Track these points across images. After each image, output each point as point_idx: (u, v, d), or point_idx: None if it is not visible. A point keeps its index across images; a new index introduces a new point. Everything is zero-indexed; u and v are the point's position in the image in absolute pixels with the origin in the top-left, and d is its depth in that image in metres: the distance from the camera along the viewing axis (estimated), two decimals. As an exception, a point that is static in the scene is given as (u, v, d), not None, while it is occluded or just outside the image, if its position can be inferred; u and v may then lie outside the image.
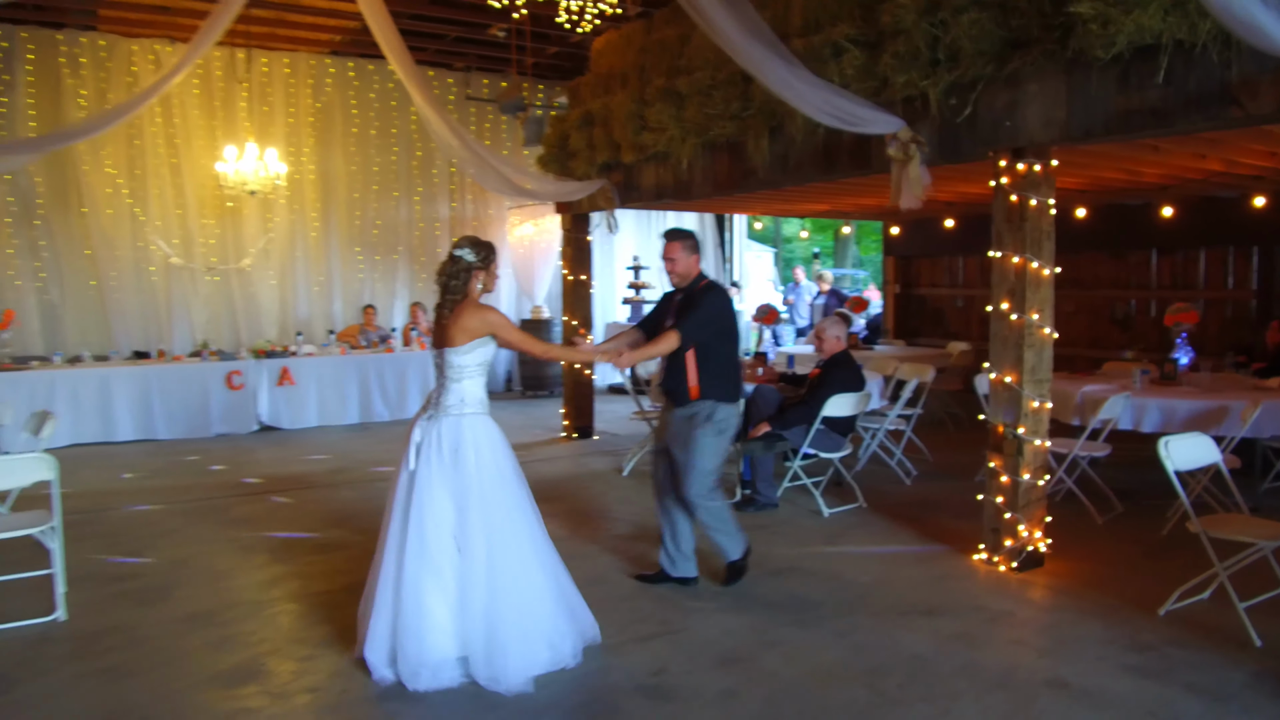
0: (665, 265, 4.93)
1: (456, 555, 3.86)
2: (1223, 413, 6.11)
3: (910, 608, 4.66)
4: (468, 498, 3.87)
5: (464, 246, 4.12)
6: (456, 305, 4.05)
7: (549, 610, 3.96)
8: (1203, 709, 3.58)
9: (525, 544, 3.97)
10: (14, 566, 5.08)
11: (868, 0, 5.78)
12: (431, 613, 3.81)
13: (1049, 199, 5.05)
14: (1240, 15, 3.18)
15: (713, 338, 4.74)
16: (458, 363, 4.01)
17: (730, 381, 4.81)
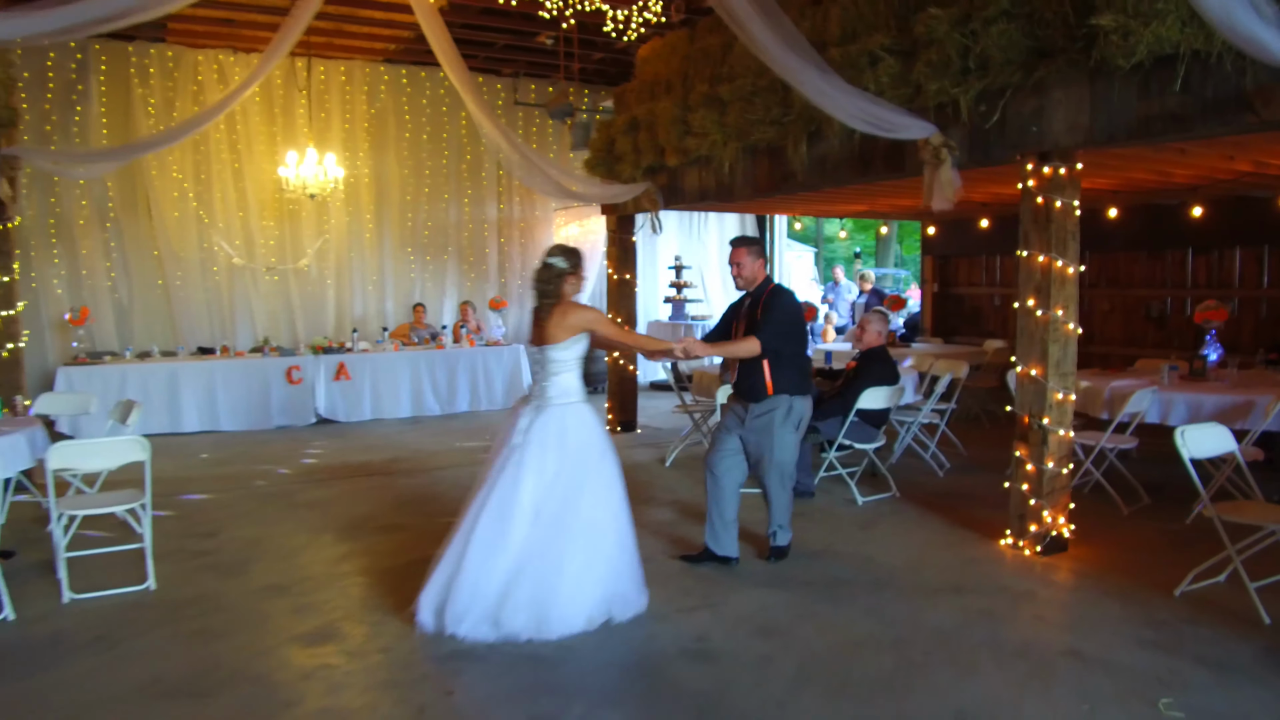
0: (732, 270, 5.32)
1: (530, 524, 4.28)
2: (1248, 407, 6.29)
3: (937, 587, 4.94)
4: (562, 474, 4.32)
5: (556, 255, 4.60)
6: (552, 307, 4.50)
7: (606, 575, 4.36)
8: (1210, 678, 3.84)
9: (604, 514, 4.41)
10: (103, 542, 5.55)
11: (902, 11, 6.07)
12: (491, 566, 4.24)
13: (1074, 200, 5.29)
14: (1243, 31, 3.44)
15: (785, 339, 5.10)
16: (558, 358, 4.48)
17: (802, 376, 5.20)
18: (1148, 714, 3.53)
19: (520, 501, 4.29)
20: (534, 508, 4.29)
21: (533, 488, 4.31)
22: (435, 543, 5.76)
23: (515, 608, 4.21)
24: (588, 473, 4.39)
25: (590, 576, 4.32)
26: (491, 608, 4.23)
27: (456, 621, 4.22)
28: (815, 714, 3.56)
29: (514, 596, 4.22)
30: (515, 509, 4.28)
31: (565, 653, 4.15)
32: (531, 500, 4.30)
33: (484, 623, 4.22)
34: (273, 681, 3.94)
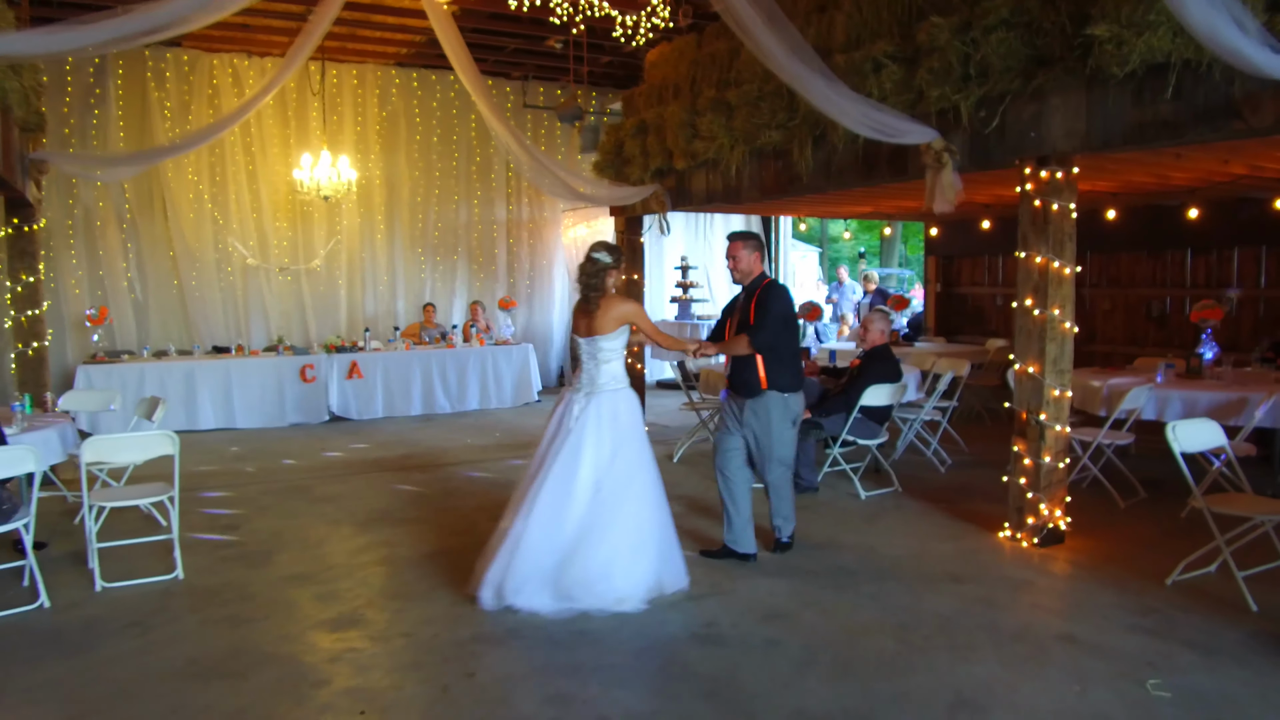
0: (729, 264, 5.51)
1: (590, 498, 4.60)
2: (1241, 404, 6.46)
3: (938, 576, 5.12)
4: (619, 453, 4.69)
5: (600, 250, 4.94)
6: (599, 300, 4.82)
7: (658, 547, 4.71)
8: (1197, 660, 4.01)
9: (652, 492, 4.74)
10: (130, 534, 5.76)
11: (905, 19, 6.26)
12: (551, 539, 4.55)
13: (1070, 204, 5.47)
14: (1226, 44, 3.61)
15: (778, 336, 5.26)
16: (608, 347, 4.85)
17: (794, 372, 5.35)
18: (1136, 694, 3.71)
19: (580, 478, 4.60)
20: (594, 484, 4.61)
21: (592, 466, 4.63)
22: (451, 535, 6.04)
23: (575, 579, 4.51)
24: (640, 452, 4.75)
25: (646, 549, 4.65)
26: (551, 578, 4.53)
27: (515, 592, 4.54)
28: (819, 694, 3.74)
29: (574, 568, 4.53)
30: (575, 485, 4.60)
31: (579, 637, 4.34)
32: (592, 477, 4.62)
33: (543, 592, 4.53)
34: (302, 663, 4.13)
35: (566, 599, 4.51)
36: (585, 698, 3.74)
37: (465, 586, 4.87)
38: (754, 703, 3.67)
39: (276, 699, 3.78)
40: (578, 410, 4.77)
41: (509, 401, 11.98)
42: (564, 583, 4.51)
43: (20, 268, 7.64)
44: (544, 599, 4.51)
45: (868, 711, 3.59)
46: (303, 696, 3.80)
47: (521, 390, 12.14)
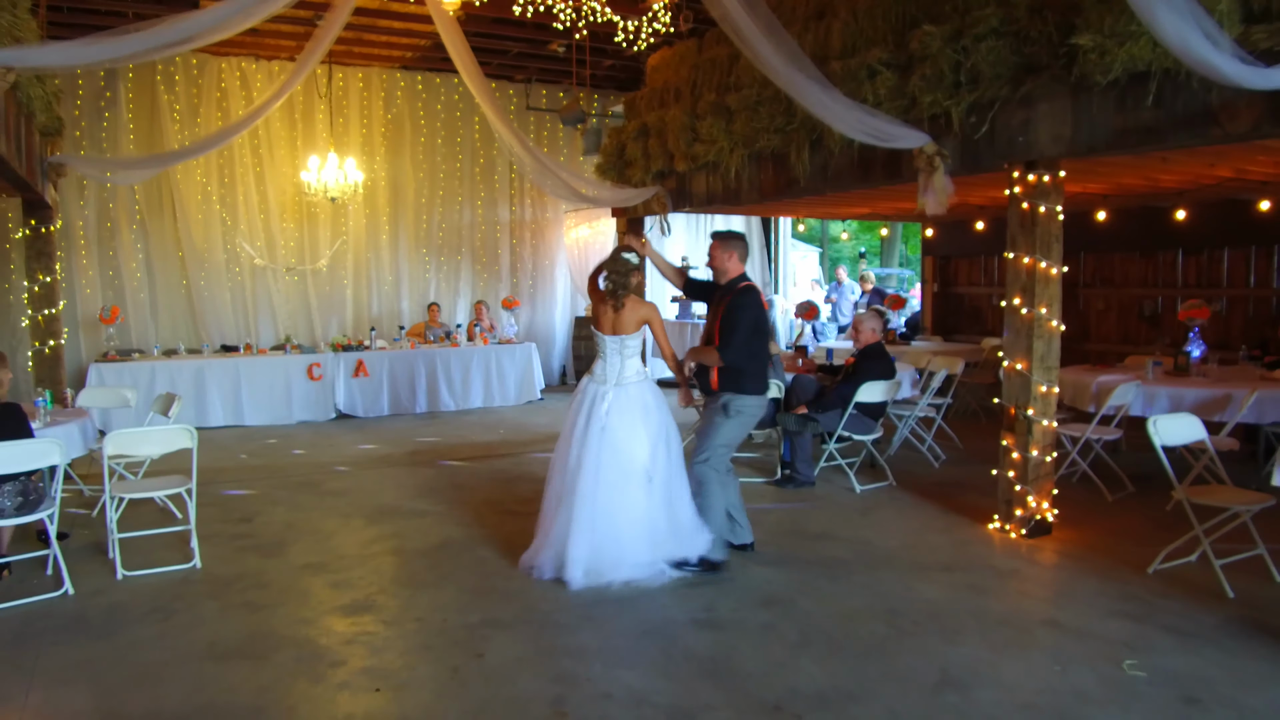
0: (708, 261, 5.62)
1: (647, 482, 5.01)
2: (1226, 400, 6.66)
3: (929, 565, 5.32)
4: (658, 442, 5.08)
5: (629, 251, 5.26)
6: (626, 299, 5.13)
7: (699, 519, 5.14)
8: (1173, 643, 4.21)
9: (683, 473, 5.19)
10: (146, 526, 5.96)
11: (899, 27, 6.45)
12: (619, 524, 4.96)
13: (1057, 206, 5.66)
14: (1197, 56, 3.80)
15: (748, 345, 5.30)
16: (633, 345, 5.21)
17: (751, 377, 5.31)
18: (1113, 674, 3.90)
19: (632, 468, 4.98)
20: (645, 473, 4.99)
21: (644, 455, 5.02)
22: (458, 526, 6.24)
23: (666, 552, 5.01)
24: (674, 436, 5.18)
25: (695, 521, 5.09)
26: (634, 555, 4.97)
27: (613, 568, 4.93)
28: (812, 673, 3.94)
29: (659, 544, 5.01)
30: (631, 472, 4.98)
31: (583, 621, 4.54)
32: (643, 466, 5.00)
33: (631, 568, 4.94)
34: (319, 645, 4.33)
35: (637, 575, 4.96)
36: (589, 677, 3.93)
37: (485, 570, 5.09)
38: (750, 681, 3.86)
39: (295, 678, 3.97)
40: (607, 404, 5.07)
41: (512, 400, 12.18)
42: (649, 557, 5.00)
43: (37, 268, 7.84)
44: (632, 573, 4.95)
45: (857, 689, 3.79)
46: (320, 676, 4.00)
47: (525, 388, 12.33)
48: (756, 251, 15.51)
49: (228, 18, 5.32)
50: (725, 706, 3.65)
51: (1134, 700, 3.68)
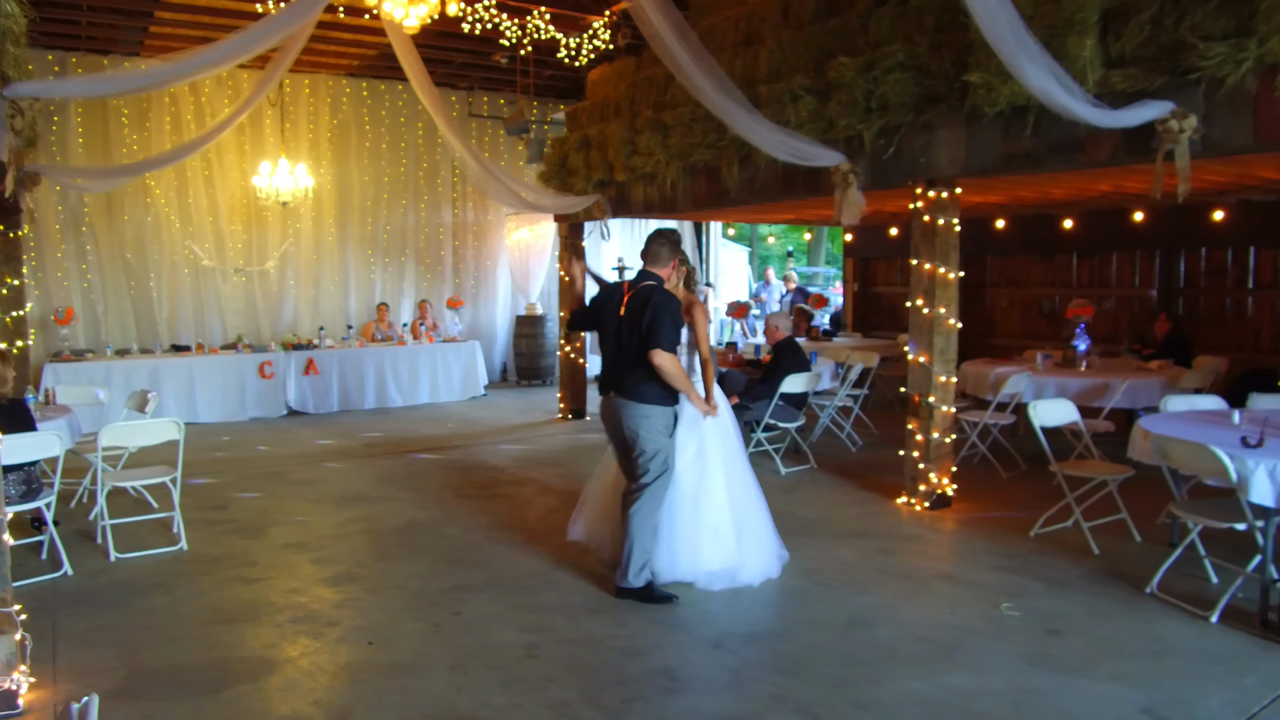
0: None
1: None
2: (1104, 388, 7.57)
3: (843, 533, 6.09)
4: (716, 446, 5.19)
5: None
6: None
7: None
8: (1044, 589, 5.03)
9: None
10: (127, 513, 6.42)
11: (819, 57, 7.21)
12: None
13: (954, 219, 6.47)
14: (1056, 101, 4.61)
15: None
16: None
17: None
18: (992, 614, 4.70)
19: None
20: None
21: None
22: (421, 509, 6.88)
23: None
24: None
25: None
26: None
27: (712, 578, 5.06)
28: (743, 619, 4.66)
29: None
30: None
31: (546, 585, 5.20)
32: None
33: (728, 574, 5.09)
34: (312, 610, 4.91)
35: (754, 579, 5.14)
36: (555, 627, 4.60)
37: (452, 545, 5.66)
38: (691, 625, 4.58)
39: (297, 636, 4.56)
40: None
41: (458, 395, 12.74)
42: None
43: (6, 271, 8.19)
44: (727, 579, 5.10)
45: (782, 630, 4.52)
46: (318, 634, 4.59)
47: (469, 384, 12.90)
48: (689, 251, 16.27)
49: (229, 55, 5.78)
50: (672, 645, 4.35)
51: (1008, 633, 4.47)
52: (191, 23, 10.61)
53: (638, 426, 4.88)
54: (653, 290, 4.91)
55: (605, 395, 5.10)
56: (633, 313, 4.90)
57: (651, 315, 4.77)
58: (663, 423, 4.94)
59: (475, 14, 9.36)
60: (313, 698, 3.88)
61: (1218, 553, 5.15)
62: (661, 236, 5.16)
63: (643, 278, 5.05)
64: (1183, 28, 4.92)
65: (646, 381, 4.86)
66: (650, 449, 4.89)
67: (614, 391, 5.00)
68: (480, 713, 3.73)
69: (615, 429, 5.05)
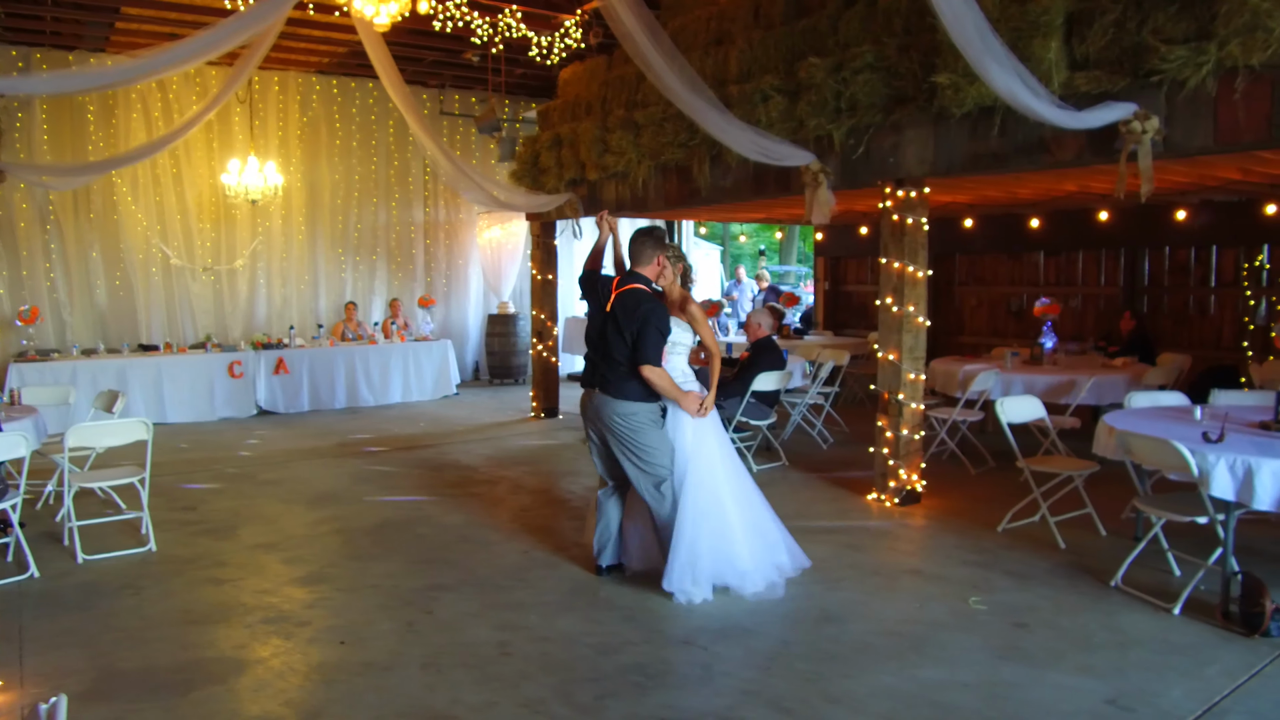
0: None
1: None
2: (1070, 385, 7.68)
3: (815, 530, 6.13)
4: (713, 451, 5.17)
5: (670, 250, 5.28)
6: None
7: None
8: (1011, 583, 5.10)
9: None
10: (99, 514, 6.36)
11: (789, 57, 7.26)
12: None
13: (923, 218, 6.54)
14: (1021, 103, 4.68)
15: None
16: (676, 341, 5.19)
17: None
18: (961, 608, 4.76)
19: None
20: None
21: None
22: (394, 509, 6.86)
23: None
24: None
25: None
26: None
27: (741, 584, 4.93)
28: (716, 614, 4.69)
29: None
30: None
31: (516, 583, 5.21)
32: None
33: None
34: (284, 610, 4.88)
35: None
36: (528, 625, 4.61)
37: (425, 545, 5.66)
38: (663, 622, 4.60)
39: (269, 636, 4.54)
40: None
41: (429, 394, 12.70)
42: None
43: (-30, 271, 8.06)
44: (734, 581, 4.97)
45: (754, 626, 4.55)
46: (290, 634, 4.57)
47: (441, 383, 12.86)
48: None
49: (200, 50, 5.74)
50: (644, 642, 4.37)
51: (976, 626, 4.53)
52: (158, 19, 10.52)
53: (626, 425, 4.91)
54: (641, 296, 4.94)
55: (587, 389, 5.12)
56: (618, 312, 4.93)
57: (639, 326, 4.81)
58: (650, 417, 4.97)
59: (446, 12, 9.34)
60: (284, 698, 3.87)
61: (1181, 546, 5.24)
62: (644, 235, 5.17)
63: (630, 278, 5.06)
64: (1145, 31, 5.02)
65: (629, 379, 4.90)
66: (650, 446, 4.93)
67: (597, 388, 5.02)
68: (454, 711, 3.74)
69: (596, 423, 5.06)
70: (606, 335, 4.98)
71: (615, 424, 4.93)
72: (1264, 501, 4.30)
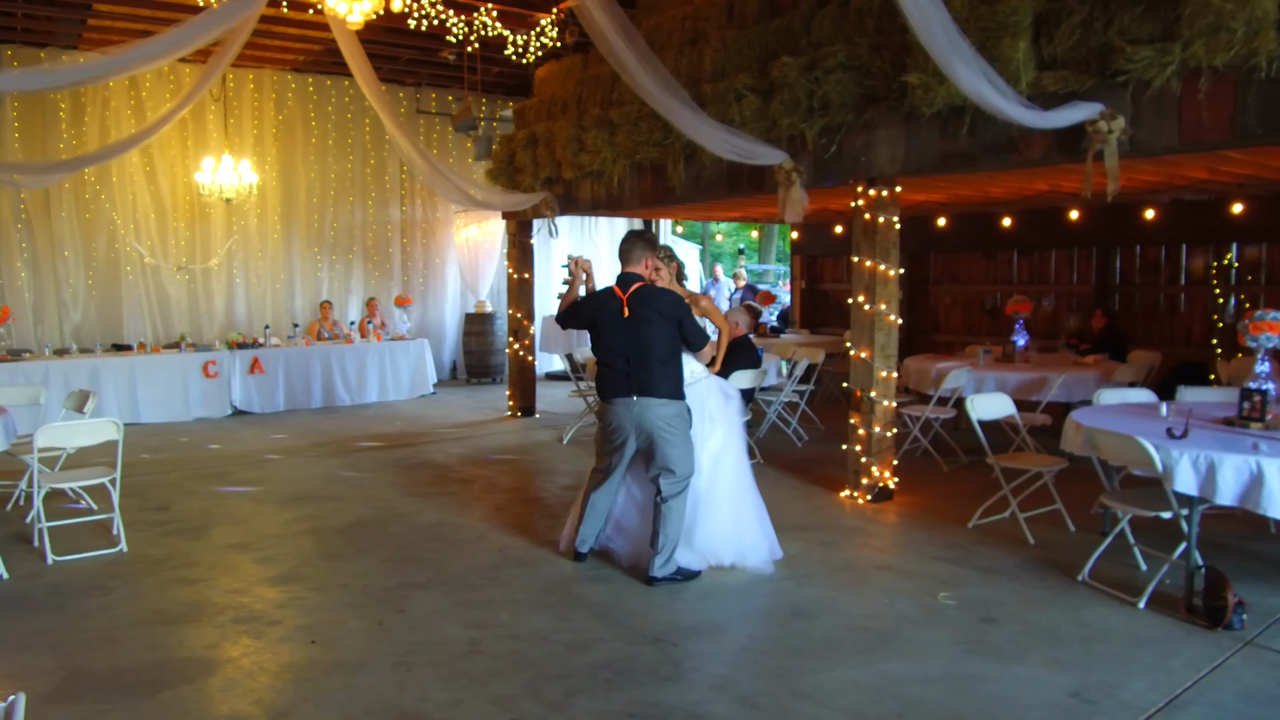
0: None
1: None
2: (1041, 382, 7.75)
3: (788, 527, 6.12)
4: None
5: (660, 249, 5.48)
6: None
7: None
8: (980, 579, 5.15)
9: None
10: (63, 516, 6.31)
11: (762, 56, 7.29)
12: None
13: (894, 217, 6.59)
14: (989, 103, 4.72)
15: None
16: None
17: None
18: (930, 603, 4.81)
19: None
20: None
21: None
22: (367, 508, 6.83)
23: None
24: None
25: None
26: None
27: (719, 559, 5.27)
28: (686, 612, 4.72)
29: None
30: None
31: (490, 581, 5.21)
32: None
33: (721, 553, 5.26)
34: (255, 610, 4.87)
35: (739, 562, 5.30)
36: (499, 623, 4.61)
37: (398, 544, 5.65)
38: (635, 619, 4.62)
39: (239, 636, 4.52)
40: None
41: (406, 393, 12.67)
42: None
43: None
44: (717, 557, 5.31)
45: (725, 622, 4.58)
46: (260, 633, 4.55)
47: (418, 383, 12.83)
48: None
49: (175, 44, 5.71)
50: (615, 639, 4.39)
51: (944, 621, 4.58)
52: (130, 15, 10.44)
53: (671, 424, 5.07)
54: (655, 291, 5.17)
55: (619, 398, 5.16)
56: (641, 309, 5.10)
57: (679, 318, 5.12)
58: (686, 419, 5.18)
59: (421, 10, 9.32)
60: (254, 697, 3.86)
61: (1147, 541, 5.30)
62: (634, 236, 5.37)
63: (627, 280, 5.21)
64: (1111, 31, 5.08)
65: (673, 380, 5.13)
66: (683, 444, 5.10)
67: (640, 394, 5.09)
68: (422, 708, 3.74)
69: (639, 428, 5.13)
70: (640, 337, 5.09)
71: (663, 425, 5.07)
72: (1226, 496, 4.37)
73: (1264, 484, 4.26)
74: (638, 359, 5.08)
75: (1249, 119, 4.75)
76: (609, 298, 5.22)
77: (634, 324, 5.09)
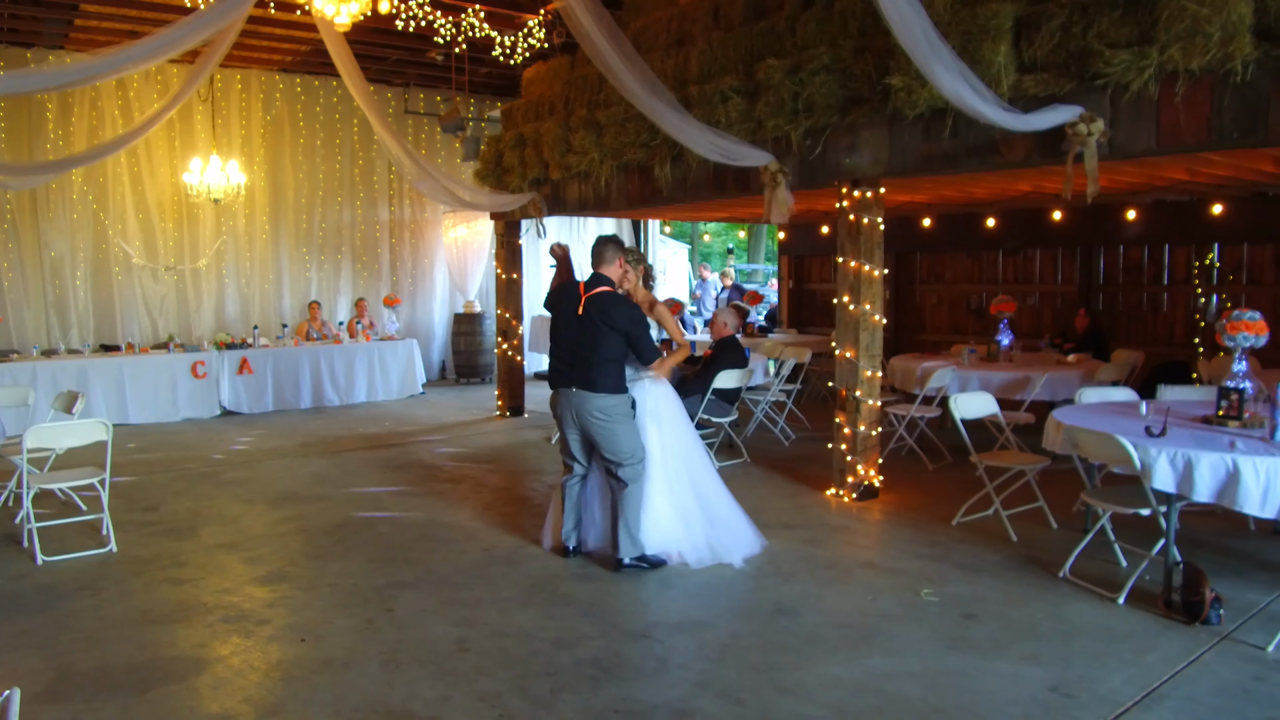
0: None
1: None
2: (1025, 381, 7.83)
3: (773, 525, 6.22)
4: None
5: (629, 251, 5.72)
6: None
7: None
8: (962, 576, 5.22)
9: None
10: (58, 515, 6.33)
11: (748, 58, 7.35)
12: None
13: (879, 218, 6.65)
14: (968, 106, 4.79)
15: None
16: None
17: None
18: (912, 599, 4.87)
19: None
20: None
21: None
22: (355, 508, 6.86)
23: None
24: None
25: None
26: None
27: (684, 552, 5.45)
28: (672, 608, 4.77)
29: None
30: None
31: (475, 580, 5.25)
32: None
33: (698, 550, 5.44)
34: (244, 609, 4.90)
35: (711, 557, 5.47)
36: (486, 621, 4.66)
37: (386, 544, 5.69)
38: (620, 617, 4.67)
39: (228, 635, 4.55)
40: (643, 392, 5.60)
41: (395, 394, 12.69)
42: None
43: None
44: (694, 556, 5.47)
45: (709, 618, 4.63)
46: (250, 632, 4.59)
47: (407, 383, 12.85)
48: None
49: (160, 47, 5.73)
50: (601, 637, 4.43)
51: (926, 617, 4.64)
52: (118, 15, 10.44)
53: (605, 416, 5.28)
54: (615, 299, 5.37)
55: (560, 389, 5.46)
56: (594, 313, 5.30)
57: (630, 331, 5.29)
58: (625, 409, 5.36)
59: (409, 11, 9.34)
60: (243, 695, 3.90)
61: (1128, 538, 5.38)
62: (605, 239, 5.61)
63: (596, 281, 5.44)
64: (1090, 35, 5.14)
65: (606, 375, 5.29)
66: (624, 435, 5.31)
67: (574, 385, 5.34)
68: (410, 705, 3.78)
69: (576, 419, 5.39)
70: (589, 337, 5.30)
71: (596, 417, 5.29)
72: (1203, 493, 4.44)
73: (1240, 481, 4.34)
74: (581, 356, 5.33)
75: (1225, 122, 4.82)
76: (573, 292, 5.48)
77: (585, 325, 5.33)
